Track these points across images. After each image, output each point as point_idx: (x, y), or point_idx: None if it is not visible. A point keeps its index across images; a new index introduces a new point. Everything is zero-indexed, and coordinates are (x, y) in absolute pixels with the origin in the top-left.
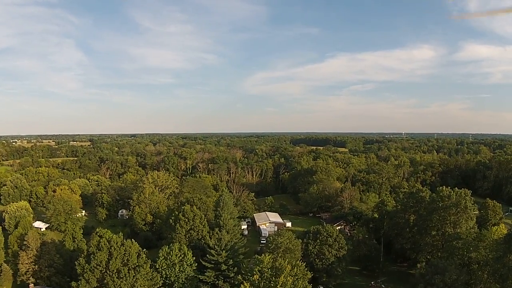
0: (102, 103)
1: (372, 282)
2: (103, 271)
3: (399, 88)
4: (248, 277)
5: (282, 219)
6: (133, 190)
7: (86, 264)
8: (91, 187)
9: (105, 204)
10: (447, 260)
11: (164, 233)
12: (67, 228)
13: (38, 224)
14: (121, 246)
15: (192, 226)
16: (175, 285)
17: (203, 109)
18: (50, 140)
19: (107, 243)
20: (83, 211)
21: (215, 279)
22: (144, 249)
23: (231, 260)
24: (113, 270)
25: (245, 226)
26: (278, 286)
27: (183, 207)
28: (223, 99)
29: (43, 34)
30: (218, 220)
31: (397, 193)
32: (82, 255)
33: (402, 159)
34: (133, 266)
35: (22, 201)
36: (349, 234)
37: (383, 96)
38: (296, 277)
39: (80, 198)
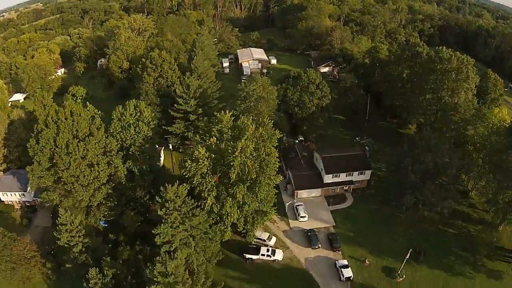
0: None
1: (357, 138)
2: (52, 149)
3: None
4: (206, 138)
5: (268, 56)
6: (110, 38)
7: (36, 145)
8: (72, 41)
9: (82, 58)
10: (440, 135)
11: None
12: (36, 97)
13: (16, 96)
14: (70, 116)
15: (161, 73)
16: (131, 148)
17: None
18: (38, 3)
19: (55, 116)
20: (63, 69)
21: (185, 130)
22: (100, 112)
23: (201, 109)
24: (61, 146)
25: (227, 64)
26: (236, 153)
27: (150, 54)
28: None
29: None
30: (190, 63)
31: (392, 40)
32: (32, 134)
33: (400, 4)
34: (83, 137)
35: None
36: (337, 77)
37: None
38: (262, 138)
39: (59, 56)
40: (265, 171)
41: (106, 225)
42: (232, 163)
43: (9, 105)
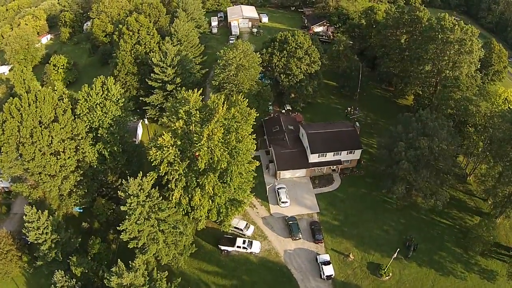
0: None
1: (349, 108)
2: (18, 139)
3: None
4: (173, 120)
5: (259, 14)
6: (91, 2)
7: (2, 135)
8: (60, 5)
9: (68, 23)
10: (438, 116)
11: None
12: (15, 72)
13: (1, 69)
14: (33, 102)
15: (138, 39)
16: (99, 130)
17: None
18: None
19: (19, 103)
20: (49, 35)
21: (164, 101)
22: (68, 92)
23: (179, 78)
24: (26, 136)
25: (216, 23)
26: (202, 141)
27: (126, 19)
28: None
29: None
30: (170, 27)
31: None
32: None
33: None
34: (47, 123)
35: None
36: (332, 37)
37: None
38: (234, 120)
39: (46, 22)
40: (236, 160)
41: (81, 210)
42: (198, 153)
43: None
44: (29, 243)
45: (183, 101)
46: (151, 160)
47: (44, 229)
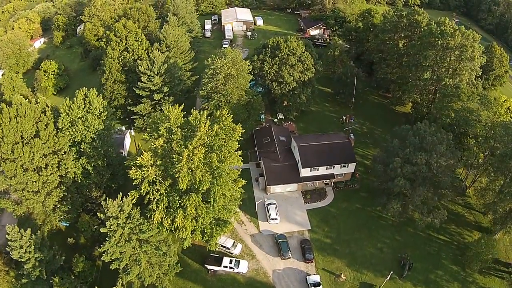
0: None
1: (344, 117)
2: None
3: None
4: (154, 137)
5: (254, 16)
6: (89, 3)
7: None
8: (55, 7)
9: (61, 26)
10: (437, 129)
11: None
12: (4, 79)
13: None
14: (14, 118)
15: (126, 46)
16: (82, 145)
17: None
18: None
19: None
20: (42, 39)
21: (152, 110)
22: (52, 105)
23: (166, 87)
24: (7, 152)
25: (209, 26)
26: (182, 163)
27: (114, 25)
28: None
29: None
30: (159, 33)
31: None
32: None
33: None
34: (29, 138)
35: None
36: (328, 41)
37: None
38: (218, 137)
39: (40, 26)
40: (219, 182)
41: (68, 224)
42: (177, 175)
43: None
44: None
45: (163, 117)
46: (133, 178)
47: (27, 248)
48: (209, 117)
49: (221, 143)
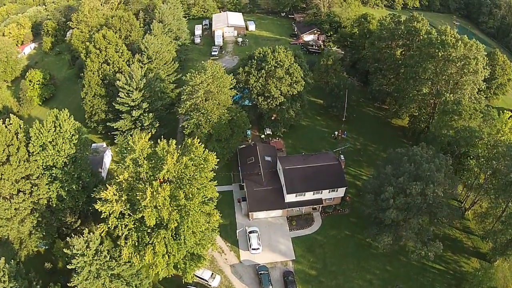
0: None
1: (336, 132)
2: None
3: None
4: (121, 167)
5: (246, 21)
6: (74, 9)
7: None
8: (46, 11)
9: (50, 32)
10: (435, 149)
11: None
12: None
13: None
14: None
15: (106, 58)
16: (53, 170)
17: None
18: None
19: None
20: (33, 45)
21: (133, 127)
22: (25, 126)
23: (146, 103)
24: None
25: (199, 32)
26: (145, 201)
27: (93, 36)
28: None
29: None
30: (140, 43)
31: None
32: None
33: None
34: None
35: None
36: (322, 47)
37: None
38: (187, 170)
39: (30, 31)
40: (186, 221)
41: (47, 247)
42: (142, 214)
43: None
44: None
45: (129, 148)
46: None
47: (1, 277)
48: (180, 146)
49: (191, 176)
